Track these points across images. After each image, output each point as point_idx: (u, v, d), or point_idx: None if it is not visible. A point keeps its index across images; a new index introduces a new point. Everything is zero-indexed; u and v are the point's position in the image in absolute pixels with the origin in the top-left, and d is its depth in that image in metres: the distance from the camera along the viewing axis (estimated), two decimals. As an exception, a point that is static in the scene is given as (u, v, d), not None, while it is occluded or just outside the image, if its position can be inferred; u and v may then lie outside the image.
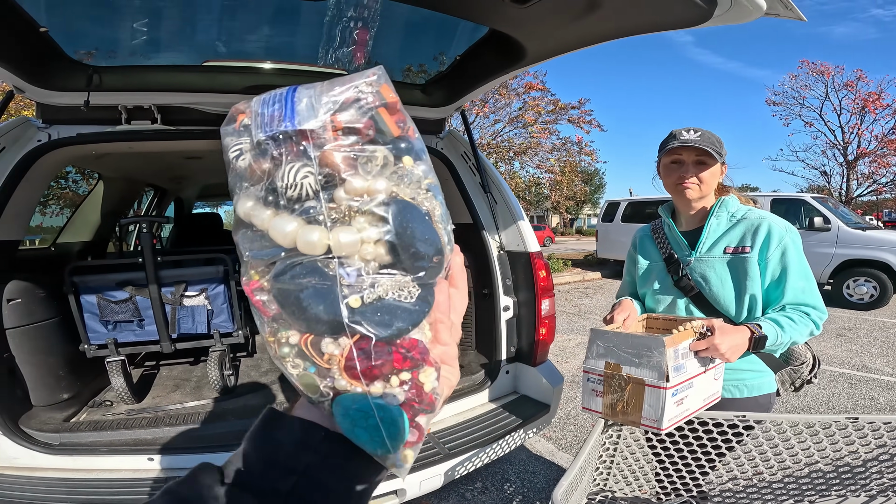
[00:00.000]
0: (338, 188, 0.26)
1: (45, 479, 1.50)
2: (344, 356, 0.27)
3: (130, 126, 1.91)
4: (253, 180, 0.27)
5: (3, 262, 1.84)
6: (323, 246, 0.26)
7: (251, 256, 0.28)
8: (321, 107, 0.27)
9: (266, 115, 0.27)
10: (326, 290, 0.26)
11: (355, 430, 0.27)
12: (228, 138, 0.29)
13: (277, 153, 0.26)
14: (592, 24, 1.36)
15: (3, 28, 1.36)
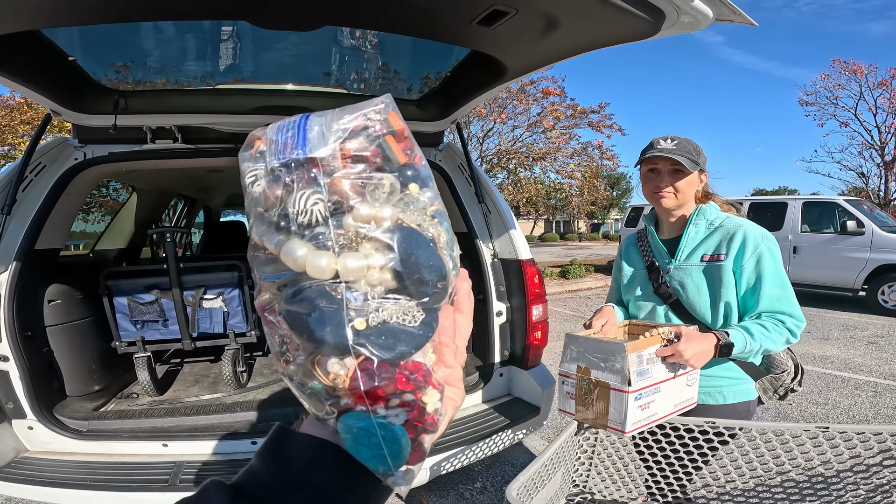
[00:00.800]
0: (346, 215, 0.27)
1: (72, 461, 1.71)
2: (349, 376, 0.27)
3: (155, 145, 2.13)
4: (266, 206, 0.28)
5: (45, 267, 2.09)
6: (331, 271, 0.27)
7: (263, 279, 0.29)
8: (331, 135, 0.28)
9: (280, 142, 0.28)
10: (333, 313, 0.27)
11: (358, 447, 0.28)
12: (246, 164, 0.30)
13: (290, 180, 0.27)
14: (557, 42, 1.46)
15: (38, 59, 1.57)
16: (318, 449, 0.29)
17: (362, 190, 0.28)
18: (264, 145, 0.29)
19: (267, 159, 0.28)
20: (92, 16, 1.35)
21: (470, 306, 0.35)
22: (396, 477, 0.29)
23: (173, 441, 1.80)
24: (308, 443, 0.29)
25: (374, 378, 0.28)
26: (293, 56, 2.00)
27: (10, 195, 1.86)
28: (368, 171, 0.28)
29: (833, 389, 4.02)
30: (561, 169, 10.61)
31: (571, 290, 9.47)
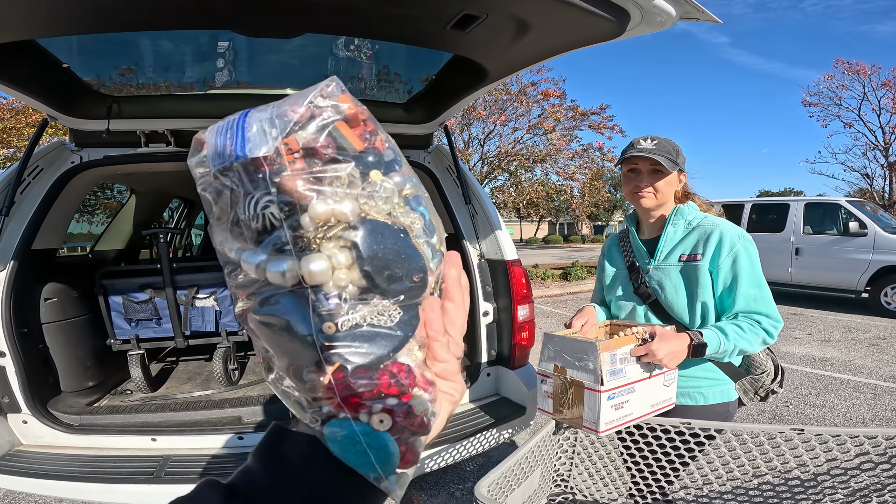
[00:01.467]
0: (302, 215, 0.25)
1: (63, 455, 1.77)
2: (324, 385, 0.26)
3: (149, 149, 2.18)
4: (218, 213, 0.27)
5: (42, 266, 2.15)
6: (293, 277, 0.25)
7: (234, 287, 0.28)
8: (273, 130, 0.25)
9: (218, 145, 0.26)
10: (300, 321, 0.26)
11: (346, 454, 0.27)
12: (196, 170, 0.27)
13: (234, 185, 0.25)
14: (531, 44, 1.49)
15: (33, 66, 1.64)
16: (314, 448, 0.28)
17: (316, 185, 0.25)
18: (205, 149, 0.27)
19: (209, 164, 0.26)
20: (82, 26, 1.40)
21: (461, 293, 0.32)
22: (389, 482, 0.28)
23: (162, 436, 1.85)
24: (304, 442, 0.28)
25: (351, 385, 0.26)
26: (281, 61, 2.05)
27: (8, 197, 1.92)
28: (321, 164, 0.26)
29: (832, 392, 4.00)
30: (562, 171, 10.62)
31: (572, 292, 9.46)
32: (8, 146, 9.39)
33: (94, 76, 1.91)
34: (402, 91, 2.31)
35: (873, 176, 15.99)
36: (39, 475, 1.64)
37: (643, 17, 1.26)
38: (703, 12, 1.24)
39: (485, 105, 9.96)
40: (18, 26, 1.33)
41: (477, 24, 1.39)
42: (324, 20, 1.47)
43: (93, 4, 1.24)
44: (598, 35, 1.36)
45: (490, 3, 1.29)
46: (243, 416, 2.02)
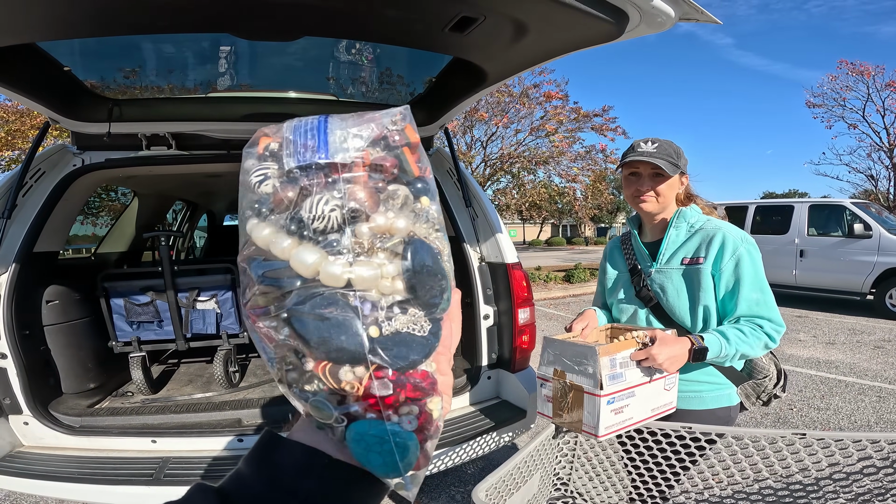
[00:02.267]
0: (361, 223, 0.27)
1: (63, 456, 1.77)
2: (363, 384, 0.27)
3: (150, 151, 2.19)
4: (278, 207, 0.28)
5: (44, 269, 2.17)
6: (345, 279, 0.27)
7: (263, 283, 0.28)
8: (353, 141, 0.28)
9: (299, 143, 0.28)
10: (348, 321, 0.27)
11: (369, 454, 0.28)
12: (250, 161, 0.29)
13: (308, 183, 0.27)
14: (530, 46, 1.49)
15: (34, 69, 1.65)
16: (310, 457, 0.28)
17: (379, 199, 0.28)
18: (275, 143, 0.29)
19: (283, 159, 0.28)
20: (82, 30, 1.41)
21: (459, 315, 0.35)
22: (406, 483, 0.29)
23: (162, 437, 1.86)
24: (299, 450, 0.28)
25: (387, 386, 0.28)
26: (282, 64, 2.06)
27: (10, 200, 1.93)
28: (385, 181, 0.28)
29: (836, 394, 3.97)
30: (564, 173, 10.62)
31: (575, 295, 9.44)
32: (13, 148, 9.47)
33: (96, 79, 1.92)
34: (404, 93, 2.31)
35: (878, 177, 15.94)
36: (40, 476, 1.64)
37: (642, 19, 1.25)
38: (702, 13, 1.24)
39: (487, 107, 9.97)
40: (19, 30, 1.34)
41: (475, 27, 1.39)
42: (321, 23, 1.47)
43: (92, 8, 1.25)
44: (597, 37, 1.36)
45: (488, 5, 1.29)
46: (243, 418, 2.02)
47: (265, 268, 0.28)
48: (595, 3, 1.18)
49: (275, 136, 0.29)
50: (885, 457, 1.09)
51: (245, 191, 0.30)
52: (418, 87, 2.23)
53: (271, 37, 1.55)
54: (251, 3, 1.30)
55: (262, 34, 1.53)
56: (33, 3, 1.17)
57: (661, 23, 1.26)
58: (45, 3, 1.18)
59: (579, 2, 1.17)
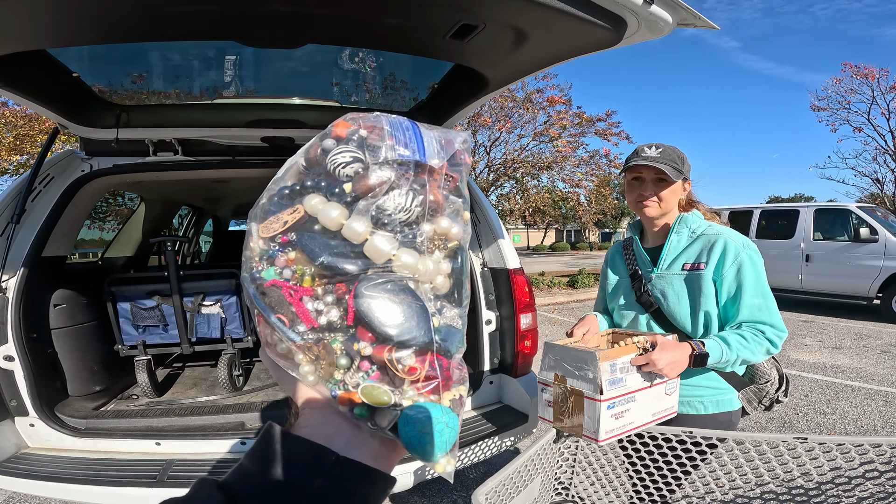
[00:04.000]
0: (430, 223, 0.30)
1: (68, 458, 1.79)
2: (424, 369, 0.29)
3: (157, 157, 2.23)
4: (359, 192, 0.29)
5: (51, 273, 2.20)
6: (416, 269, 0.29)
7: (328, 262, 0.29)
8: (441, 150, 0.31)
9: (399, 139, 0.30)
10: (422, 310, 0.29)
11: (423, 436, 0.29)
12: (328, 140, 0.30)
13: (398, 177, 0.29)
14: (530, 53, 1.51)
15: (44, 75, 1.68)
16: (319, 455, 0.28)
17: (445, 205, 0.31)
18: (364, 131, 0.30)
19: (382, 150, 0.29)
20: (91, 37, 1.45)
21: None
22: (447, 463, 0.30)
23: (166, 440, 1.87)
24: (307, 448, 0.28)
25: (444, 371, 0.30)
26: (286, 71, 2.09)
27: (19, 205, 1.97)
28: (449, 192, 0.32)
29: (842, 399, 3.93)
30: (568, 178, 10.62)
31: (579, 300, 9.41)
32: (21, 153, 9.59)
33: (104, 85, 1.95)
34: (407, 98, 2.34)
35: (884, 181, 15.80)
36: (45, 478, 1.66)
37: (640, 25, 1.27)
38: (700, 19, 1.25)
39: (490, 112, 10.02)
40: (29, 37, 1.37)
41: (476, 34, 1.41)
42: (325, 31, 1.50)
43: (101, 17, 1.28)
44: (597, 43, 1.37)
45: (487, 14, 1.31)
46: (246, 421, 2.03)
47: (328, 248, 0.29)
48: (593, 11, 1.20)
49: (363, 125, 0.30)
50: (887, 460, 1.09)
51: (309, 168, 0.30)
52: (422, 93, 2.25)
53: (276, 44, 1.58)
54: (256, 11, 1.33)
55: (266, 42, 1.56)
56: (43, 10, 1.20)
57: (660, 29, 1.27)
58: (55, 11, 1.21)
59: (578, 9, 1.18)
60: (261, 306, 0.31)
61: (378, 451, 0.31)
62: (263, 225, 0.32)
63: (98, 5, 1.21)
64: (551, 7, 1.15)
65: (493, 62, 1.67)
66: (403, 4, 1.30)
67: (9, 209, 1.97)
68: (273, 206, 0.32)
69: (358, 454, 0.29)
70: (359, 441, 0.30)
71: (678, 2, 1.20)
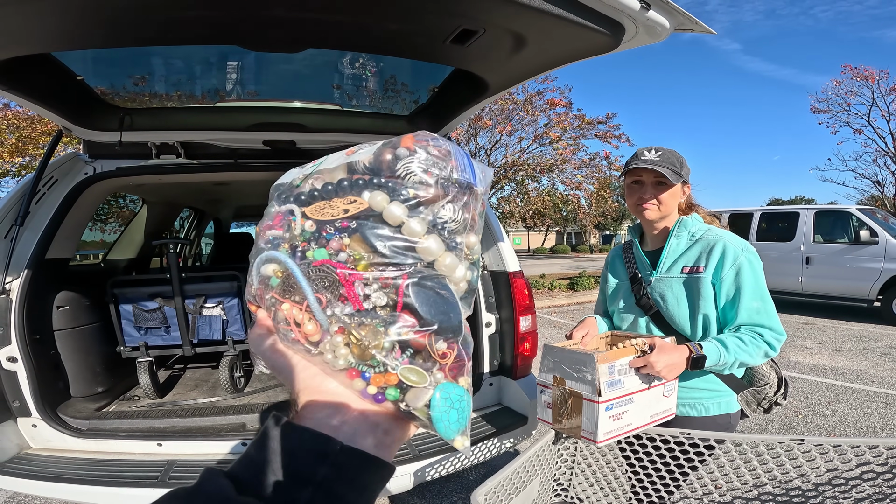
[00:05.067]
0: (467, 235, 0.35)
1: (70, 458, 1.80)
2: (454, 353, 0.33)
3: (160, 160, 2.24)
4: (421, 199, 0.33)
5: (55, 275, 2.21)
6: (453, 272, 0.34)
7: (385, 252, 0.32)
8: (483, 179, 0.37)
9: (460, 163, 0.35)
10: (456, 302, 0.34)
11: (450, 412, 0.32)
12: (403, 150, 0.34)
13: (457, 195, 0.34)
14: (529, 57, 1.53)
15: (49, 78, 1.70)
16: (324, 444, 0.29)
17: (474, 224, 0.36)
18: (435, 151, 0.34)
19: (450, 170, 0.34)
20: (95, 41, 1.47)
21: None
22: (465, 439, 0.33)
23: (167, 441, 1.88)
24: (312, 437, 0.29)
25: (463, 356, 0.34)
26: (288, 75, 2.11)
27: (23, 208, 1.98)
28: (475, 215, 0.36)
29: (842, 401, 3.94)
30: (568, 180, 10.63)
31: (580, 302, 9.42)
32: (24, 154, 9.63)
33: (107, 88, 1.97)
34: (408, 101, 2.36)
35: (884, 183, 15.80)
36: (47, 478, 1.67)
37: (638, 30, 1.28)
38: (697, 24, 1.27)
39: (491, 115, 10.05)
40: (34, 40, 1.39)
41: (475, 39, 1.43)
42: (326, 36, 1.52)
43: (105, 21, 1.30)
44: (595, 48, 1.39)
45: (487, 19, 1.33)
46: (247, 422, 2.04)
47: (388, 240, 0.32)
48: (591, 16, 1.22)
49: (432, 144, 0.34)
50: (883, 462, 1.09)
51: (374, 168, 0.34)
52: (422, 97, 2.27)
53: (277, 49, 1.60)
54: (258, 16, 1.35)
55: (268, 46, 1.58)
56: (48, 14, 1.22)
57: (658, 34, 1.29)
58: (60, 15, 1.23)
59: (576, 15, 1.20)
60: (302, 283, 0.33)
61: (381, 441, 0.32)
62: (313, 208, 0.35)
63: (102, 9, 1.23)
64: (550, 13, 1.17)
65: (492, 66, 1.69)
66: (404, 10, 1.32)
67: (13, 212, 1.99)
68: (325, 193, 0.35)
69: (363, 443, 0.31)
70: (365, 430, 0.31)
71: (675, 7, 1.21)
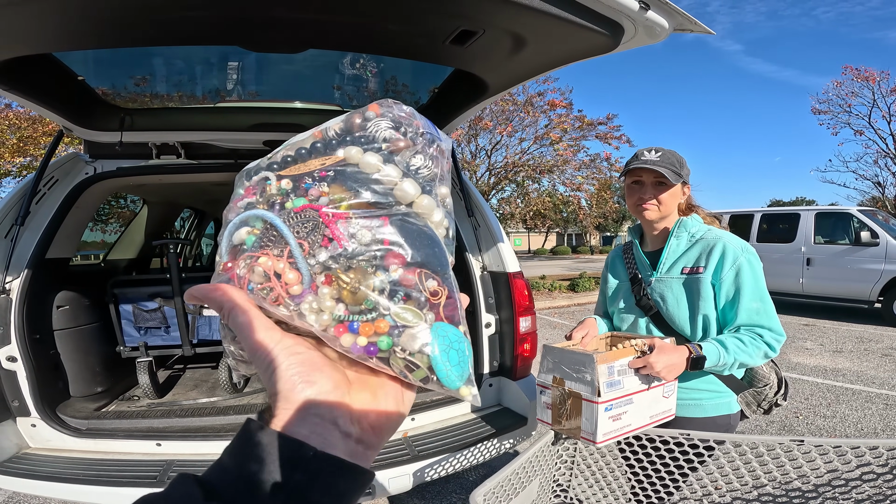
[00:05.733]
0: (441, 186, 0.37)
1: (69, 458, 1.80)
2: (445, 293, 0.33)
3: (160, 161, 2.25)
4: (393, 150, 0.34)
5: (55, 275, 2.21)
6: (432, 213, 0.35)
7: (364, 195, 0.33)
8: (447, 139, 0.38)
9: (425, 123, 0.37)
10: (439, 241, 0.34)
11: (450, 351, 0.31)
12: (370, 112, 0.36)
13: (424, 147, 0.36)
14: (529, 58, 1.53)
15: (50, 79, 1.70)
16: (296, 450, 0.28)
17: (444, 177, 0.37)
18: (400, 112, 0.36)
19: (413, 127, 0.36)
20: (96, 42, 1.47)
21: None
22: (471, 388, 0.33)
23: (166, 441, 1.88)
24: (285, 443, 0.28)
25: (457, 301, 0.34)
26: (288, 75, 2.11)
27: (23, 207, 1.99)
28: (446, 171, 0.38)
29: (843, 402, 3.93)
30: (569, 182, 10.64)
31: (580, 304, 9.41)
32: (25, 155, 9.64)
33: (108, 88, 1.98)
34: (408, 102, 2.35)
35: (885, 184, 15.81)
36: (46, 477, 1.67)
37: (637, 31, 1.29)
38: (696, 24, 1.27)
39: (491, 116, 10.06)
40: (35, 40, 1.40)
41: (475, 40, 1.43)
42: (326, 36, 1.52)
43: (106, 21, 1.30)
44: (594, 49, 1.39)
45: (486, 20, 1.33)
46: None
47: (364, 183, 0.33)
48: (591, 17, 1.22)
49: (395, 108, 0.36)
50: (883, 463, 1.09)
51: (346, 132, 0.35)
52: (423, 97, 2.27)
53: (278, 49, 1.60)
54: (259, 17, 1.35)
55: (269, 47, 1.58)
56: (49, 14, 1.22)
57: (657, 34, 1.29)
58: (61, 15, 1.24)
59: (575, 15, 1.20)
60: (283, 230, 0.32)
61: (354, 450, 0.31)
62: (287, 170, 0.35)
63: (103, 10, 1.23)
64: (549, 13, 1.17)
65: (492, 67, 1.69)
66: (404, 11, 1.32)
67: (13, 211, 1.99)
68: (299, 157, 0.35)
69: (337, 449, 0.30)
70: (334, 441, 0.30)
71: (674, 7, 1.21)
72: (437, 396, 2.33)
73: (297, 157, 0.35)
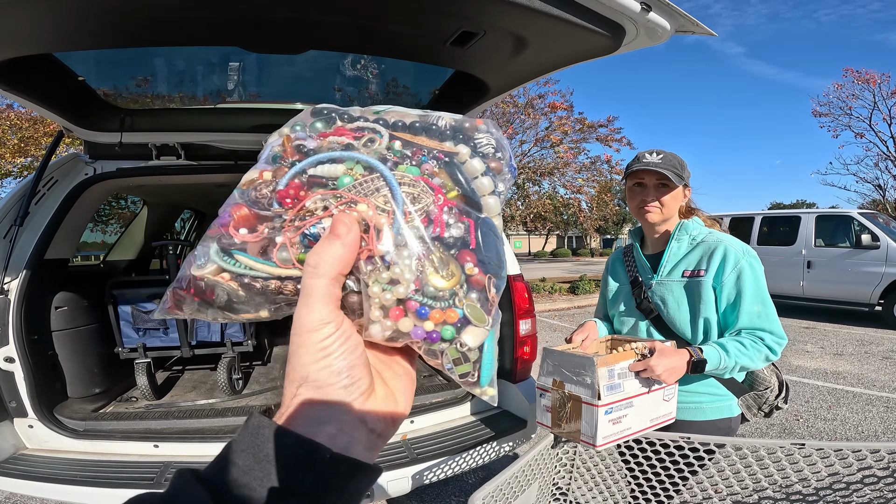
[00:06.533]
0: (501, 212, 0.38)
1: (66, 459, 1.79)
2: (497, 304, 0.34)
3: (160, 161, 2.24)
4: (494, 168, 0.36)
5: (54, 276, 2.21)
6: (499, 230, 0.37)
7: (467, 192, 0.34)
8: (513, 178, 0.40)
9: (510, 156, 0.39)
10: (505, 256, 0.35)
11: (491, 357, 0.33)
12: (481, 125, 0.38)
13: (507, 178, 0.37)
14: (529, 59, 1.53)
15: (50, 78, 1.70)
16: (312, 452, 0.27)
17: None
18: (503, 138, 0.39)
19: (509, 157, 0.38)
20: (97, 42, 1.47)
21: None
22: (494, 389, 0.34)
23: (164, 442, 1.87)
24: (298, 444, 0.27)
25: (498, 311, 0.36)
26: (289, 77, 2.11)
27: (23, 208, 1.98)
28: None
29: (843, 405, 3.92)
30: (569, 184, 10.64)
31: (580, 306, 9.40)
32: (25, 155, 9.65)
33: (109, 89, 1.98)
34: (409, 104, 2.35)
35: (886, 187, 15.83)
36: (43, 479, 1.66)
37: (639, 32, 1.28)
38: (698, 25, 1.27)
39: (492, 117, 10.07)
40: (36, 40, 1.40)
41: (476, 41, 1.43)
42: (327, 37, 1.52)
43: (107, 22, 1.30)
44: (596, 50, 1.39)
45: (487, 21, 1.33)
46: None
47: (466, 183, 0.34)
48: (592, 18, 1.22)
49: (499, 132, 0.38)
50: (885, 466, 1.08)
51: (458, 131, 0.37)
52: (423, 98, 2.27)
53: (278, 50, 1.60)
54: (259, 18, 1.35)
55: (269, 48, 1.58)
56: (49, 15, 1.22)
57: (659, 36, 1.29)
58: (61, 16, 1.23)
59: (576, 17, 1.20)
60: (394, 187, 0.32)
61: (372, 443, 0.30)
62: (400, 135, 0.36)
63: (103, 10, 1.23)
64: (550, 14, 1.17)
65: (493, 68, 1.69)
66: (404, 12, 1.32)
67: (12, 212, 1.99)
68: (412, 129, 0.36)
69: (357, 449, 0.29)
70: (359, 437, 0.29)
71: (676, 9, 1.21)
72: (437, 399, 2.32)
73: (410, 129, 0.36)
